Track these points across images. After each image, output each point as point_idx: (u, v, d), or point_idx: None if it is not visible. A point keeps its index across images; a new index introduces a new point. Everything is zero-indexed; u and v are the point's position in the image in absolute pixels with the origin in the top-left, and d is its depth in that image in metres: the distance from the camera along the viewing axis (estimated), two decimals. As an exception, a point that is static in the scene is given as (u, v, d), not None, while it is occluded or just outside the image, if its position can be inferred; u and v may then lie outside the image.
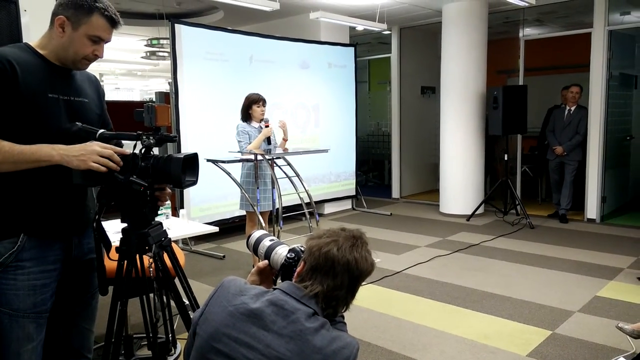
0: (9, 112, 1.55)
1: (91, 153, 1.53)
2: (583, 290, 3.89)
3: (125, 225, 1.71)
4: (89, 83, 1.82)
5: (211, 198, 5.55)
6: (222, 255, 5.06)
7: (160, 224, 1.75)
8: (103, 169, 1.54)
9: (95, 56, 1.70)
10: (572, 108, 6.27)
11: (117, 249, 1.72)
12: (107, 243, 1.75)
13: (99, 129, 1.64)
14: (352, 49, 7.27)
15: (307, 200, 3.93)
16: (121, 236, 1.71)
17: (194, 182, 1.69)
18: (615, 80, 6.41)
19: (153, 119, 1.42)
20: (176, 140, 1.57)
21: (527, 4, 5.50)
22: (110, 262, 1.72)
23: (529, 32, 7.34)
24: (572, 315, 3.43)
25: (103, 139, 1.61)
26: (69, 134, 1.61)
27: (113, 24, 1.67)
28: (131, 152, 1.62)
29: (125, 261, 1.70)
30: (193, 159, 1.66)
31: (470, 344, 3.05)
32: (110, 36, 1.69)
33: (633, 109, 7.18)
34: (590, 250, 5.00)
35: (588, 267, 4.47)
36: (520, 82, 6.95)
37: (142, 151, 1.62)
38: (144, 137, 1.62)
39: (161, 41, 7.14)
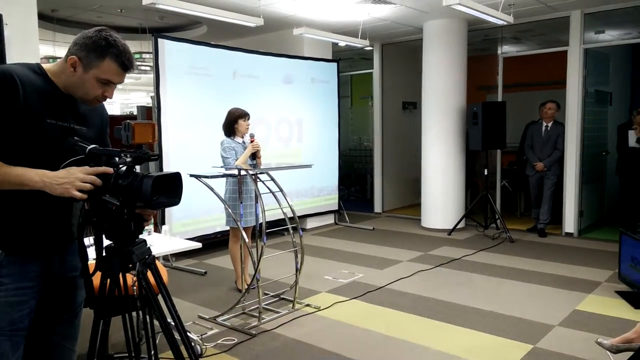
0: (2, 128, 1.53)
1: (74, 180, 1.52)
2: (562, 304, 3.95)
3: (108, 242, 1.69)
4: (93, 110, 1.80)
5: (193, 213, 5.50)
6: (203, 271, 5.01)
7: (144, 241, 1.73)
8: (85, 196, 1.53)
9: (105, 97, 1.70)
10: (549, 124, 6.41)
11: (98, 266, 1.69)
12: (84, 258, 1.72)
13: (90, 145, 1.62)
14: (334, 64, 7.34)
15: (290, 215, 3.93)
16: (104, 254, 1.69)
17: (175, 203, 1.66)
18: (591, 97, 6.59)
19: (130, 137, 1.39)
20: (157, 159, 1.56)
21: (505, 23, 5.63)
22: (95, 280, 1.70)
23: (507, 50, 7.51)
24: (553, 329, 3.47)
25: (92, 155, 1.61)
26: (65, 147, 1.62)
27: (125, 68, 1.67)
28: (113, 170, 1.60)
29: (108, 279, 1.67)
30: (172, 179, 1.63)
31: (453, 359, 3.06)
32: (122, 79, 1.69)
33: (608, 124, 7.37)
34: (569, 264, 5.08)
35: (567, 281, 4.54)
36: (499, 99, 7.09)
37: (124, 169, 1.60)
38: (122, 155, 1.61)
39: (143, 55, 7.12)
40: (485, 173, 6.63)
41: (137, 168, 1.66)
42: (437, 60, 6.73)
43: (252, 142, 4.09)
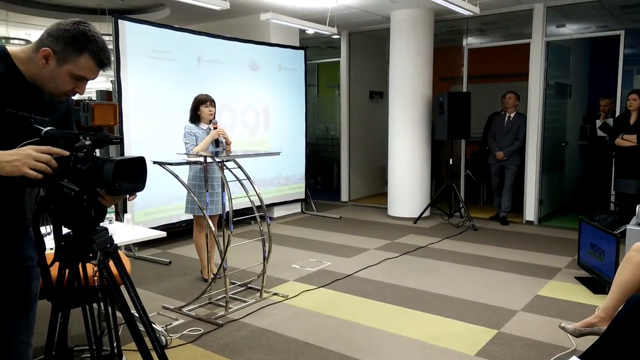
0: None
1: (26, 158, 1.40)
2: (525, 290, 4.05)
3: (66, 231, 1.59)
4: (58, 101, 1.69)
5: (156, 202, 5.36)
6: (168, 261, 4.89)
7: (106, 229, 1.64)
8: (39, 175, 1.41)
9: (75, 92, 1.60)
10: (512, 115, 6.54)
11: (57, 256, 1.59)
12: (41, 248, 1.62)
13: (46, 127, 1.52)
14: (302, 52, 7.26)
15: (258, 203, 3.86)
16: (62, 243, 1.59)
17: (138, 189, 1.58)
18: (552, 89, 6.75)
19: (89, 118, 1.30)
20: (119, 142, 1.47)
21: (471, 13, 5.68)
22: (53, 270, 1.60)
23: (472, 41, 7.60)
24: (516, 315, 3.55)
25: (48, 137, 1.50)
26: (21, 127, 1.52)
27: (102, 65, 1.58)
28: (69, 153, 1.50)
29: (67, 270, 1.58)
30: (135, 163, 1.54)
31: (420, 345, 3.08)
32: (96, 76, 1.60)
33: (567, 116, 7.59)
34: (530, 251, 5.21)
35: (528, 268, 4.65)
36: (464, 90, 7.17)
37: (82, 152, 1.51)
38: (81, 137, 1.52)
39: (103, 37, 6.85)
40: (450, 163, 6.72)
41: (98, 152, 1.57)
42: (403, 50, 6.75)
43: (214, 128, 4.00)
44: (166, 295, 3.99)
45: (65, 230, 1.60)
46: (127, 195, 1.60)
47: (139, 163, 1.54)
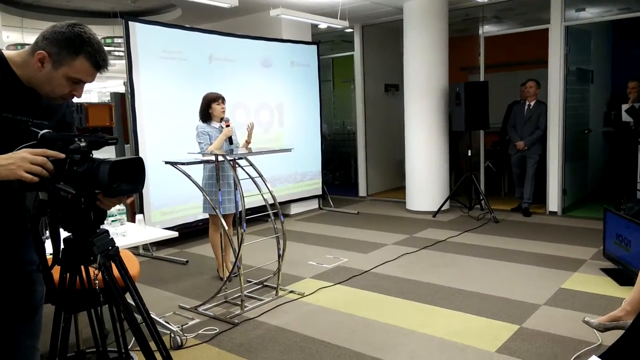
0: None
1: (21, 161, 1.37)
2: (548, 283, 3.92)
3: (67, 234, 1.57)
4: (57, 105, 1.66)
5: (172, 201, 5.37)
6: (185, 260, 4.89)
7: (107, 232, 1.61)
8: (35, 179, 1.38)
9: (72, 95, 1.57)
10: (532, 103, 6.37)
11: (56, 259, 1.57)
12: (41, 252, 1.60)
13: (43, 130, 1.49)
14: (314, 47, 7.19)
15: (271, 201, 3.83)
16: (62, 247, 1.57)
17: (137, 190, 1.54)
18: (573, 75, 6.54)
19: (83, 119, 1.29)
20: (115, 143, 1.45)
21: (485, 0, 5.54)
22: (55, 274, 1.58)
23: (488, 29, 7.43)
24: (539, 309, 3.44)
25: (45, 139, 1.47)
26: (18, 131, 1.50)
27: (98, 68, 1.54)
28: (65, 155, 1.47)
29: (67, 273, 1.56)
30: (133, 164, 1.50)
31: (439, 342, 3.01)
32: (93, 79, 1.56)
33: (590, 103, 7.36)
34: (554, 243, 5.07)
35: (552, 260, 4.52)
36: (481, 79, 7.01)
37: (78, 155, 1.48)
38: (76, 139, 1.49)
39: (115, 40, 6.88)
40: (469, 154, 6.58)
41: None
42: (418, 41, 6.62)
43: (227, 126, 3.98)
44: (183, 294, 3.99)
45: (65, 234, 1.58)
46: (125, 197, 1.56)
47: (137, 163, 1.51)
